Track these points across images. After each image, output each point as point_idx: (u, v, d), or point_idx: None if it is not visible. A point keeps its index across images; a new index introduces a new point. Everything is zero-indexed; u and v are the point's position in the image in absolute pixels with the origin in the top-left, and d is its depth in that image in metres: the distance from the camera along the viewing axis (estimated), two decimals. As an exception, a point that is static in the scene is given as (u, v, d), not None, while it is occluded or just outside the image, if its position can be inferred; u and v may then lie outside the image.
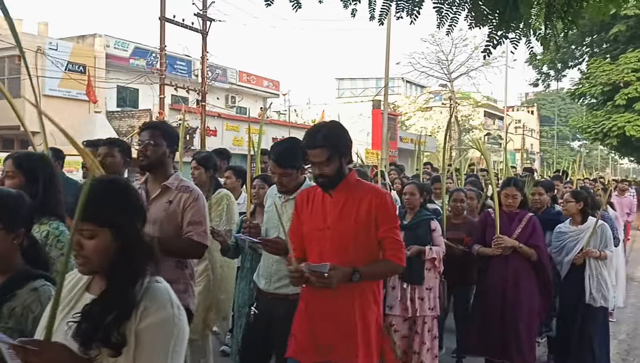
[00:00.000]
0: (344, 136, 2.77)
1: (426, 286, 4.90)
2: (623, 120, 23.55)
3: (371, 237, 2.75)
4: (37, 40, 20.41)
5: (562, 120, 60.40)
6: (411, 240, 4.85)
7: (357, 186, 2.81)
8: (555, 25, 3.34)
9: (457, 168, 8.80)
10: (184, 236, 3.10)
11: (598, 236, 5.22)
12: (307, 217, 2.87)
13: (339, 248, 2.73)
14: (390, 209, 2.78)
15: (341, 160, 2.73)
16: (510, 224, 4.83)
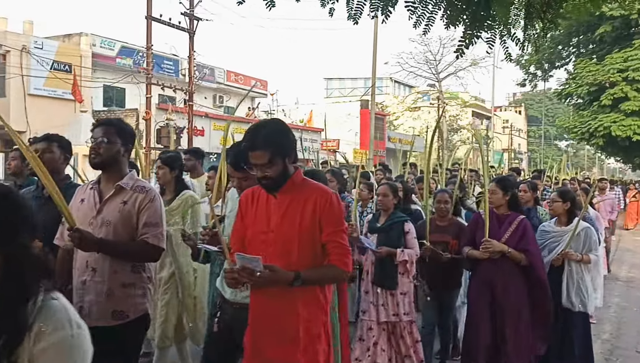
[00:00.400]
0: (286, 135, 2.63)
1: (400, 291, 4.78)
2: (609, 120, 23.77)
3: (316, 240, 2.61)
4: (22, 39, 20.23)
5: (550, 120, 60.83)
6: (383, 242, 4.78)
7: (303, 186, 2.67)
8: (535, 25, 3.34)
9: (436, 168, 8.67)
10: (139, 238, 2.98)
11: (581, 239, 5.05)
12: (250, 219, 2.73)
13: (283, 252, 2.59)
14: (336, 210, 2.62)
15: (284, 161, 2.58)
16: (500, 227, 4.65)
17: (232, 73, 29.30)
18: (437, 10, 2.87)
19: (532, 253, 4.56)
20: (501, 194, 4.67)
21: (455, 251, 5.01)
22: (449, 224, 5.21)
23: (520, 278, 4.57)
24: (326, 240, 2.61)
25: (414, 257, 4.81)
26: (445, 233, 5.13)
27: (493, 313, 4.58)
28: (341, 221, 2.65)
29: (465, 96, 43.49)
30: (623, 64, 23.40)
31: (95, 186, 3.08)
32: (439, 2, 2.82)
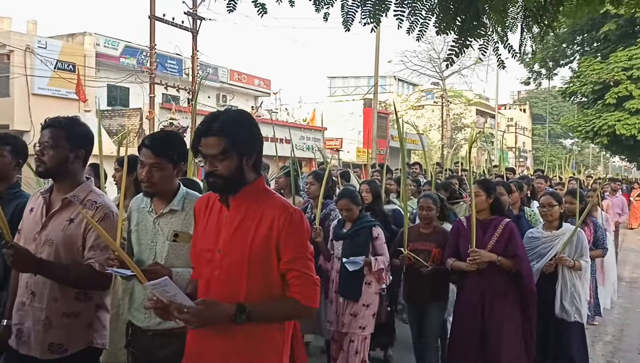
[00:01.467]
0: (250, 130, 2.19)
1: (363, 302, 4.49)
2: (613, 119, 23.67)
3: (271, 268, 2.14)
4: (26, 38, 20.26)
5: (555, 118, 60.58)
6: (349, 249, 4.51)
7: (263, 198, 2.19)
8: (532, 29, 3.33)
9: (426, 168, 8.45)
10: (85, 262, 2.59)
11: (574, 244, 4.77)
12: (201, 231, 2.27)
13: (229, 278, 2.13)
14: (299, 232, 2.14)
15: (241, 160, 2.13)
16: (485, 233, 4.27)
17: (235, 72, 29.29)
18: (430, 16, 2.87)
19: (520, 258, 4.22)
20: (484, 196, 4.33)
21: (439, 262, 4.62)
22: (433, 231, 4.79)
23: (513, 293, 4.23)
24: (286, 268, 2.13)
25: (386, 263, 4.55)
26: (428, 241, 4.72)
27: (483, 333, 4.21)
28: (305, 246, 2.17)
29: (469, 94, 43.38)
30: (628, 63, 23.28)
31: (46, 194, 2.71)
32: (432, 8, 2.82)
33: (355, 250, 4.49)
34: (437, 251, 4.64)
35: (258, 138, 2.23)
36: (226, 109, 2.31)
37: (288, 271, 2.14)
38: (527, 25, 3.35)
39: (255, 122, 2.25)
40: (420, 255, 4.60)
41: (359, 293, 4.48)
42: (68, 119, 2.71)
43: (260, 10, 2.79)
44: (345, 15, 2.97)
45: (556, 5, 3.22)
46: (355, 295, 4.49)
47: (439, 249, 4.63)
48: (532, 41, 3.42)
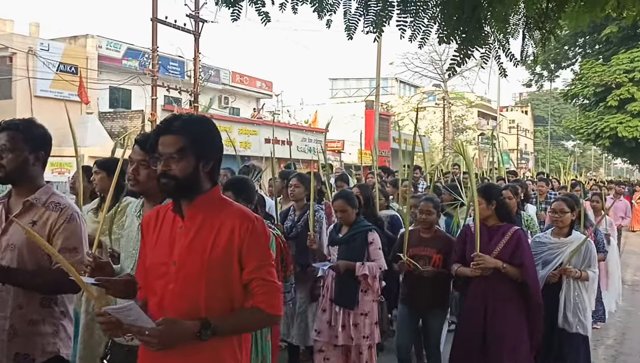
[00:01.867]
0: (211, 135, 2.12)
1: (361, 311, 4.34)
2: (615, 121, 23.68)
3: (233, 278, 2.05)
4: (29, 41, 20.32)
5: (556, 120, 60.54)
6: (344, 255, 4.41)
7: (220, 207, 2.10)
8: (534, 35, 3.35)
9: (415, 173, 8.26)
10: (53, 266, 2.46)
11: (582, 254, 4.58)
12: (151, 246, 2.15)
13: (186, 292, 2.01)
14: (261, 240, 2.09)
15: (198, 163, 2.05)
16: (491, 239, 4.14)
17: (237, 74, 29.33)
18: (432, 24, 2.88)
19: (526, 267, 4.07)
20: (484, 204, 4.17)
21: (439, 267, 4.47)
22: (434, 236, 4.61)
23: (517, 299, 4.09)
24: (249, 278, 2.06)
25: (377, 271, 4.35)
26: (428, 246, 4.54)
27: (486, 337, 4.07)
28: (267, 254, 2.11)
29: (471, 96, 43.37)
30: (629, 65, 23.31)
31: (4, 200, 2.60)
32: (434, 16, 2.84)
33: (351, 255, 4.38)
34: (438, 257, 4.46)
35: (218, 146, 2.15)
36: (191, 113, 2.25)
37: (251, 281, 2.06)
38: (529, 32, 3.38)
39: (218, 131, 2.17)
40: (420, 261, 4.43)
41: (354, 301, 4.33)
42: (25, 121, 2.61)
43: (264, 18, 2.81)
44: (347, 23, 2.98)
45: (557, 11, 3.24)
46: (350, 303, 4.33)
47: (440, 255, 4.46)
48: (534, 47, 3.44)
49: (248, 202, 3.35)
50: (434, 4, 2.85)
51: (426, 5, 2.85)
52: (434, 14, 2.86)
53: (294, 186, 5.22)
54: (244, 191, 3.49)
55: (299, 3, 2.88)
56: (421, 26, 2.86)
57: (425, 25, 2.88)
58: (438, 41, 2.80)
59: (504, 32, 3.03)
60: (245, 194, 3.46)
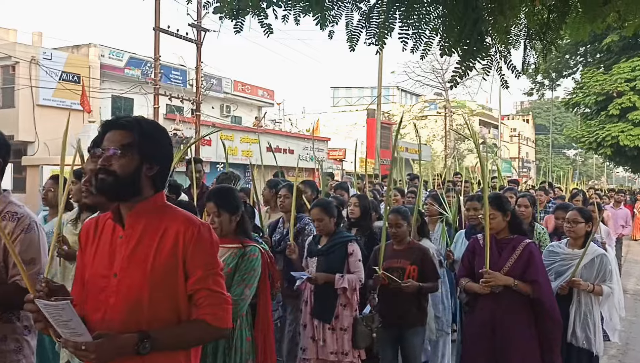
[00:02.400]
0: (161, 139, 2.02)
1: (340, 326, 4.15)
2: (617, 130, 23.68)
3: (178, 289, 1.93)
4: (31, 50, 20.42)
5: (558, 128, 60.61)
6: (324, 267, 4.23)
7: (162, 214, 1.98)
8: (535, 46, 3.37)
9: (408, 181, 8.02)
10: (10, 280, 2.35)
11: (595, 267, 4.36)
12: (89, 258, 2.02)
13: (128, 304, 1.89)
14: (207, 247, 1.96)
15: (142, 163, 1.94)
16: (501, 253, 3.92)
17: (239, 83, 29.42)
18: (434, 35, 2.91)
19: (541, 285, 3.83)
20: (500, 217, 3.96)
21: (414, 279, 4.26)
22: (407, 247, 4.42)
23: (527, 313, 3.86)
24: (194, 289, 1.94)
25: (357, 283, 4.18)
26: (402, 257, 4.35)
27: (494, 353, 3.87)
28: (214, 262, 1.98)
29: (472, 104, 43.43)
30: (631, 74, 23.33)
31: None
32: (436, 28, 2.86)
33: (330, 267, 4.19)
34: (412, 268, 4.27)
35: (167, 154, 2.05)
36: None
37: (197, 291, 1.94)
38: (530, 42, 3.40)
39: (170, 140, 2.09)
40: (394, 274, 4.23)
41: (331, 314, 4.15)
42: None
43: (266, 30, 2.84)
44: (350, 34, 3.00)
45: (559, 22, 3.26)
46: (328, 315, 4.16)
47: (414, 266, 4.28)
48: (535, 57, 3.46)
49: (232, 214, 3.18)
50: (436, 16, 2.87)
51: (428, 18, 2.87)
52: (436, 25, 2.88)
53: (283, 197, 4.99)
54: (229, 203, 3.23)
55: (302, 15, 2.91)
56: (423, 38, 2.88)
57: (427, 37, 2.90)
58: (440, 53, 2.82)
59: (506, 43, 3.06)
60: (229, 205, 3.21)
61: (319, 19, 2.91)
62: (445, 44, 2.79)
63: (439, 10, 2.84)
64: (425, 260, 4.34)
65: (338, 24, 3.03)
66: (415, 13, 2.81)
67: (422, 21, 2.84)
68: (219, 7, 2.77)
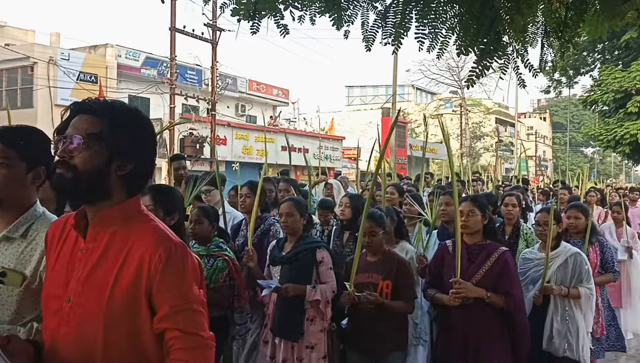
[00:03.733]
0: (139, 132, 1.65)
1: (307, 343, 3.63)
2: (635, 127, 23.38)
3: (142, 324, 1.56)
4: (49, 50, 20.68)
5: (575, 126, 60.00)
6: (288, 276, 3.72)
7: (133, 227, 1.61)
8: (552, 44, 3.35)
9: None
10: None
11: (569, 268, 3.98)
12: (49, 269, 1.68)
13: (81, 337, 1.54)
14: (179, 276, 1.57)
15: (110, 161, 1.57)
16: (472, 261, 3.48)
17: (254, 82, 29.53)
18: (450, 34, 2.90)
19: (514, 297, 3.45)
20: (480, 216, 3.54)
21: (388, 296, 3.60)
22: (381, 259, 3.74)
23: (503, 335, 3.47)
24: (162, 327, 1.57)
25: (329, 295, 3.68)
26: (374, 271, 3.68)
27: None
28: (189, 294, 1.59)
29: (488, 102, 43.16)
30: (649, 71, 23.04)
31: None
32: (452, 27, 2.85)
33: (297, 276, 3.67)
34: (385, 283, 3.59)
35: (146, 149, 1.68)
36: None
37: (166, 331, 1.56)
38: (548, 41, 3.37)
39: (151, 131, 1.70)
40: (365, 291, 3.56)
41: (298, 331, 3.62)
42: None
43: (282, 30, 2.85)
44: (366, 34, 3.02)
45: (577, 20, 3.24)
46: (294, 333, 3.62)
47: (388, 281, 3.60)
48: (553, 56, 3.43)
49: (167, 214, 2.79)
50: (452, 15, 2.87)
51: (444, 17, 2.87)
52: (452, 24, 2.88)
53: (244, 196, 4.48)
54: (167, 200, 2.84)
55: (318, 15, 2.93)
56: (439, 37, 2.88)
57: (443, 36, 2.91)
58: (457, 53, 2.81)
59: (523, 41, 3.04)
60: (166, 203, 2.81)
61: (335, 19, 2.92)
62: (462, 43, 2.78)
63: (455, 9, 2.84)
64: (400, 275, 3.65)
65: (354, 23, 3.04)
66: (432, 12, 2.81)
67: (438, 20, 2.84)
68: (236, 10, 2.78)
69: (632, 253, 6.48)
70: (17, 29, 23.80)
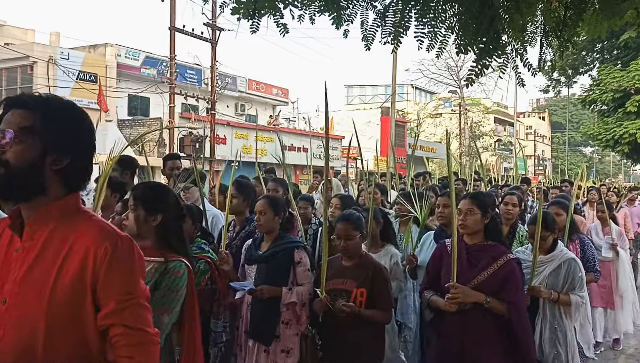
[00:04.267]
0: (74, 124, 1.60)
1: (282, 347, 3.43)
2: (634, 127, 23.40)
3: (86, 325, 1.53)
4: (49, 50, 20.69)
5: (574, 126, 60.05)
6: (264, 276, 3.51)
7: (72, 223, 1.56)
8: (552, 44, 3.36)
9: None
10: None
11: (562, 274, 3.77)
12: None
13: (19, 341, 1.49)
14: (125, 270, 1.55)
15: (45, 155, 1.53)
16: (473, 263, 3.23)
17: (253, 82, 29.54)
18: (450, 34, 2.91)
19: (516, 306, 3.17)
20: (479, 215, 3.25)
21: (362, 304, 3.34)
22: (357, 264, 3.48)
23: (502, 342, 3.19)
24: (107, 324, 1.54)
25: (306, 297, 3.47)
26: (349, 277, 3.41)
27: None
28: (134, 289, 1.57)
29: (487, 102, 43.20)
30: (648, 70, 23.06)
31: None
32: (451, 26, 2.87)
33: (273, 277, 3.48)
34: (360, 291, 3.32)
35: (83, 142, 1.62)
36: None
37: (111, 327, 1.54)
38: (547, 40, 3.39)
39: (89, 125, 1.65)
40: (339, 298, 3.33)
41: (272, 335, 3.43)
42: None
43: (282, 30, 2.86)
44: (365, 33, 3.03)
45: (576, 20, 3.25)
46: (267, 336, 3.43)
47: (362, 289, 3.33)
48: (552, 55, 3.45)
49: (148, 213, 2.61)
50: (451, 14, 2.88)
51: (444, 16, 2.88)
52: (452, 24, 2.89)
53: (232, 198, 4.26)
54: (149, 198, 2.65)
55: (317, 14, 2.93)
56: (439, 36, 2.89)
57: (442, 35, 2.92)
58: (456, 52, 2.82)
59: (522, 41, 3.05)
60: (147, 201, 2.63)
61: (335, 18, 2.92)
62: (461, 42, 2.79)
63: (455, 8, 2.85)
64: (376, 282, 3.38)
65: (353, 22, 3.05)
66: (431, 11, 2.82)
67: (437, 19, 2.84)
68: (236, 9, 2.79)
69: (617, 250, 6.36)
70: (17, 28, 23.80)
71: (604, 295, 6.33)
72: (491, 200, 3.55)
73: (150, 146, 20.44)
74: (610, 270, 6.33)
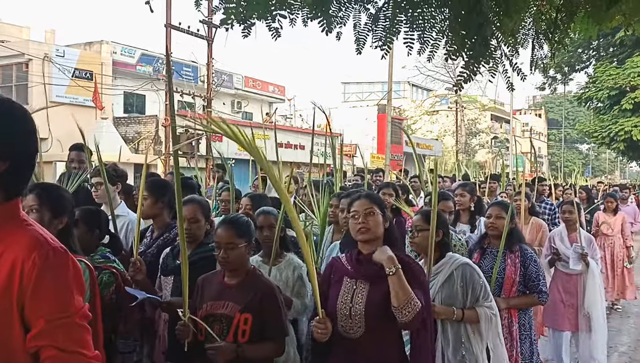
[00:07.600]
0: (9, 123, 1.46)
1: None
2: (630, 124, 23.54)
3: (15, 345, 1.36)
4: (44, 47, 20.63)
5: (570, 123, 60.19)
6: (180, 288, 2.69)
7: (8, 232, 1.40)
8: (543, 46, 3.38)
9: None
10: None
11: (456, 284, 3.03)
12: None
13: None
14: (57, 283, 1.38)
15: None
16: (367, 277, 2.61)
17: (250, 79, 29.51)
18: (441, 37, 2.93)
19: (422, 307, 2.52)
20: (379, 216, 2.63)
21: (247, 338, 2.69)
22: (241, 282, 2.77)
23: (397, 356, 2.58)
24: (37, 345, 1.35)
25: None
26: (230, 299, 2.75)
27: None
28: (69, 304, 1.38)
29: (483, 99, 43.23)
30: (644, 68, 23.17)
31: None
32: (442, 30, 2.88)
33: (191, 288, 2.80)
34: (244, 317, 2.63)
35: (22, 144, 1.48)
36: None
37: (42, 349, 1.35)
38: (539, 42, 3.41)
39: (27, 125, 1.52)
40: (215, 327, 2.62)
41: (195, 354, 2.66)
42: None
43: (274, 34, 2.87)
44: (357, 35, 3.04)
45: (567, 22, 3.28)
46: (189, 358, 2.68)
47: (248, 314, 2.63)
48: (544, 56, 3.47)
49: (54, 215, 2.44)
50: (442, 19, 2.90)
51: (433, 21, 2.89)
52: (442, 28, 2.91)
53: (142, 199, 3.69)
54: (54, 200, 2.49)
55: (309, 19, 2.94)
56: (429, 40, 2.91)
57: (433, 39, 2.93)
58: (445, 57, 2.83)
59: (512, 44, 3.07)
60: (53, 203, 2.47)
61: (325, 23, 2.93)
62: (450, 48, 2.80)
63: (445, 12, 2.87)
64: (266, 306, 2.67)
65: (346, 25, 3.07)
66: (421, 17, 2.84)
67: (427, 24, 2.86)
68: (224, 19, 2.76)
69: (587, 261, 5.11)
70: (12, 26, 23.73)
71: (571, 316, 5.30)
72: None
73: (146, 143, 20.45)
74: (578, 285, 5.24)
